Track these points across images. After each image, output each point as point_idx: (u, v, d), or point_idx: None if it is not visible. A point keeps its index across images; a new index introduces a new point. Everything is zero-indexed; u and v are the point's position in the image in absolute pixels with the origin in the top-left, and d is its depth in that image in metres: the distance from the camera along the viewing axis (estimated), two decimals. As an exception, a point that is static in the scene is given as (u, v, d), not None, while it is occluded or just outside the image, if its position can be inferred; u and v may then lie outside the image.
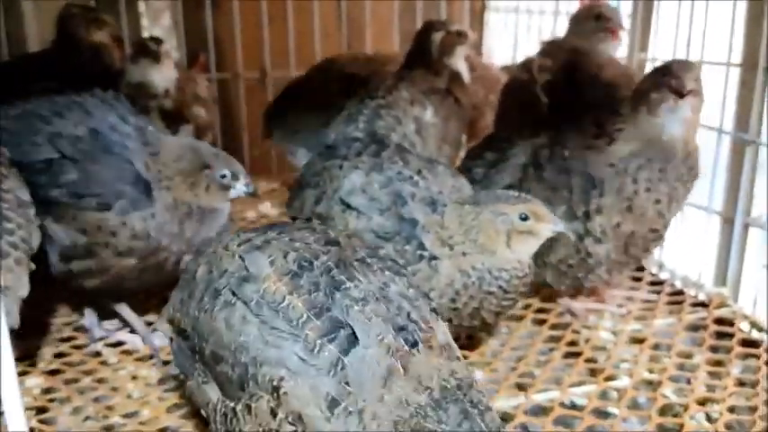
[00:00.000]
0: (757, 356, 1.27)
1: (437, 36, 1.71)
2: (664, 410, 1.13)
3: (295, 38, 2.36)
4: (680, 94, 1.27)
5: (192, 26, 2.38)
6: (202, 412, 0.90)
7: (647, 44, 1.88)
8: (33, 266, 1.03)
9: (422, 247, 1.10)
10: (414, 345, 0.76)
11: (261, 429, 0.77)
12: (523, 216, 1.08)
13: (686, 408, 1.12)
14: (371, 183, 1.17)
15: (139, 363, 1.28)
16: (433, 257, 1.10)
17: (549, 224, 1.09)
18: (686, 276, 1.57)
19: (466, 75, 1.75)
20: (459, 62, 1.74)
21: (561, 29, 2.17)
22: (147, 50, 1.81)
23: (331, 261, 0.82)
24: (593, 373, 1.24)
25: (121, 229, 1.18)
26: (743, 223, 1.51)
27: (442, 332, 0.83)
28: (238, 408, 0.79)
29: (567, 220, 1.28)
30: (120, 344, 1.34)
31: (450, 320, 1.11)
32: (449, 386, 0.75)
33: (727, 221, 1.55)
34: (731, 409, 1.13)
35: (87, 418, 1.12)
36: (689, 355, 1.29)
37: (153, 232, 1.20)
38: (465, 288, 1.09)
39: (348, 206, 1.17)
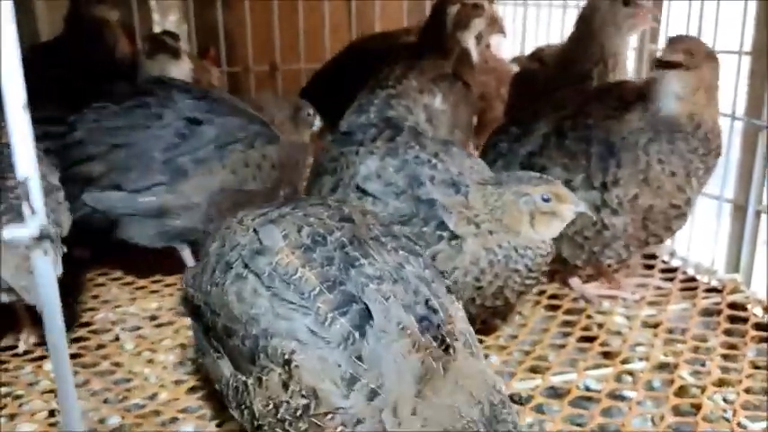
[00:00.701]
0: (772, 340, 1.27)
1: (453, 9, 1.71)
2: (680, 392, 1.13)
3: (305, 33, 2.37)
4: (663, 65, 1.28)
5: (202, 21, 2.40)
6: (216, 387, 0.90)
7: (658, 36, 1.88)
8: (65, 249, 1.06)
9: (442, 227, 1.10)
10: (443, 344, 0.76)
11: (272, 402, 0.77)
12: (545, 197, 1.08)
13: (703, 389, 1.13)
14: (386, 167, 1.17)
15: (156, 347, 1.29)
16: (455, 237, 1.10)
17: (570, 205, 1.10)
18: (699, 263, 1.57)
19: (475, 54, 1.75)
20: (470, 39, 1.73)
21: (570, 20, 2.18)
22: (166, 46, 1.83)
23: (345, 237, 0.82)
24: (609, 356, 1.24)
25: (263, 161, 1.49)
26: (755, 210, 1.51)
27: (461, 318, 0.83)
28: (249, 381, 0.79)
29: (585, 189, 1.29)
30: (137, 328, 1.35)
31: (473, 300, 1.12)
32: (495, 402, 0.76)
33: (739, 209, 1.55)
34: (747, 390, 1.13)
35: (106, 400, 1.13)
36: (703, 339, 1.30)
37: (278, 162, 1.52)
38: (491, 266, 1.10)
39: (364, 192, 1.17)
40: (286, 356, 0.75)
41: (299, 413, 0.75)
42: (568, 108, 1.41)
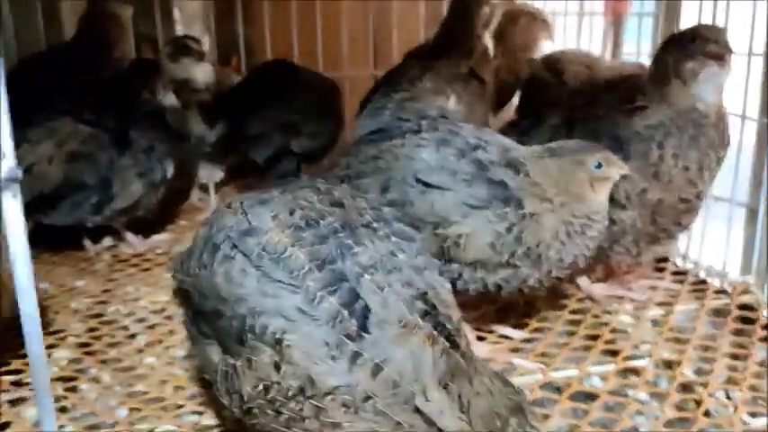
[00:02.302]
0: (781, 341, 1.25)
1: (484, 10, 1.72)
2: (683, 388, 1.12)
3: (323, 43, 2.42)
4: (721, 59, 1.25)
5: (224, 33, 2.46)
6: (207, 377, 0.90)
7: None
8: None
9: (521, 205, 1.10)
10: (450, 339, 0.77)
11: (262, 384, 0.77)
12: (598, 164, 1.12)
13: (706, 385, 1.11)
14: (446, 156, 1.13)
15: (165, 339, 1.31)
16: (534, 214, 1.10)
17: (618, 168, 1.15)
18: (710, 266, 1.55)
19: (491, 49, 1.77)
20: (488, 36, 1.76)
21: (586, 29, 2.19)
22: (190, 50, 1.89)
23: (337, 223, 0.81)
24: (613, 353, 1.24)
25: None
26: (767, 212, 1.49)
27: (454, 305, 0.83)
28: (239, 363, 0.78)
29: None
30: (142, 320, 1.39)
31: (549, 272, 1.13)
32: (514, 407, 0.79)
33: (752, 211, 1.53)
34: (752, 388, 1.11)
35: (111, 386, 1.16)
36: (711, 338, 1.28)
37: None
38: (569, 237, 1.12)
39: (427, 185, 1.12)
40: (276, 336, 0.74)
41: (290, 393, 0.75)
42: (579, 100, 1.41)
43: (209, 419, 1.05)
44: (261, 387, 0.77)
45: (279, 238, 0.79)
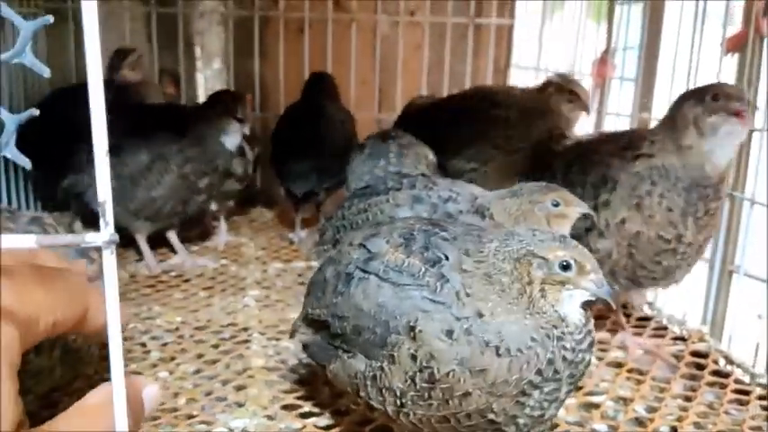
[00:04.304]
0: (725, 386, 1.40)
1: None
2: (632, 422, 1.28)
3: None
4: (742, 117, 1.29)
5: (241, 69, 2.65)
6: (347, 389, 1.03)
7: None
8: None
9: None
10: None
11: (407, 377, 0.91)
12: (555, 203, 1.26)
13: (652, 420, 1.27)
14: (420, 213, 1.30)
15: (178, 356, 1.46)
16: None
17: (576, 207, 1.28)
18: (672, 315, 1.71)
19: None
20: None
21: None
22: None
23: (424, 227, 1.02)
24: (576, 389, 1.39)
25: None
26: (721, 268, 1.65)
27: None
28: (384, 364, 0.93)
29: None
30: (156, 338, 1.54)
31: None
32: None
33: (711, 266, 1.69)
34: (696, 425, 1.26)
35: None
36: (665, 381, 1.43)
37: None
38: None
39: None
40: (411, 324, 0.90)
41: (432, 377, 0.89)
42: (580, 148, 1.52)
43: (219, 428, 1.20)
44: (408, 380, 0.91)
45: (395, 255, 0.98)
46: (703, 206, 1.36)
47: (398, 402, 0.94)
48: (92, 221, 1.81)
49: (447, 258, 0.94)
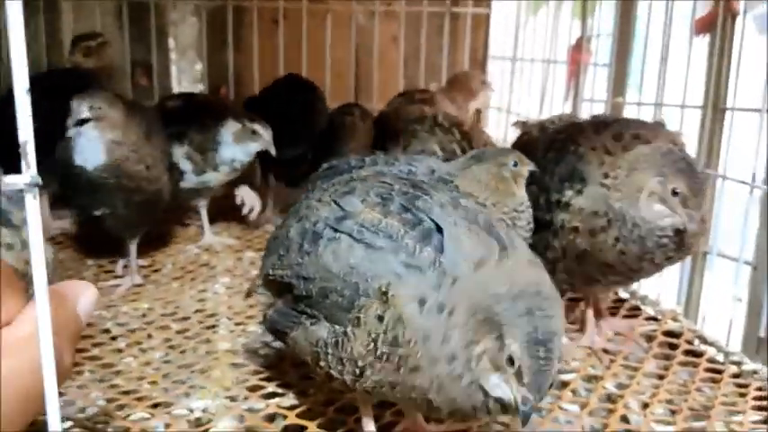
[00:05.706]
0: (698, 365, 1.39)
1: None
2: (602, 399, 1.26)
3: (309, 77, 2.58)
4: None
5: (215, 62, 2.62)
6: (307, 359, 0.99)
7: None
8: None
9: None
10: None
11: (370, 339, 0.87)
12: (515, 162, 1.29)
13: (622, 397, 1.25)
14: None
15: (143, 342, 1.44)
16: None
17: (529, 165, 1.31)
18: (646, 296, 1.70)
19: None
20: None
21: (554, 75, 2.38)
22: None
23: (403, 188, 0.97)
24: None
25: None
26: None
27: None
28: (348, 328, 0.89)
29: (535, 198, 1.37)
30: (124, 324, 1.51)
31: None
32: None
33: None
34: (668, 401, 1.25)
35: (93, 380, 1.28)
36: (637, 360, 1.42)
37: None
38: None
39: None
40: (383, 288, 0.86)
41: (395, 341, 0.85)
42: (563, 133, 1.47)
43: (179, 410, 1.18)
44: (370, 343, 0.87)
45: (372, 215, 0.93)
46: (662, 254, 1.30)
47: (357, 372, 0.91)
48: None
49: (420, 214, 0.91)
